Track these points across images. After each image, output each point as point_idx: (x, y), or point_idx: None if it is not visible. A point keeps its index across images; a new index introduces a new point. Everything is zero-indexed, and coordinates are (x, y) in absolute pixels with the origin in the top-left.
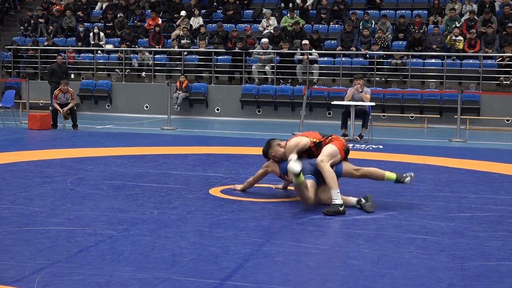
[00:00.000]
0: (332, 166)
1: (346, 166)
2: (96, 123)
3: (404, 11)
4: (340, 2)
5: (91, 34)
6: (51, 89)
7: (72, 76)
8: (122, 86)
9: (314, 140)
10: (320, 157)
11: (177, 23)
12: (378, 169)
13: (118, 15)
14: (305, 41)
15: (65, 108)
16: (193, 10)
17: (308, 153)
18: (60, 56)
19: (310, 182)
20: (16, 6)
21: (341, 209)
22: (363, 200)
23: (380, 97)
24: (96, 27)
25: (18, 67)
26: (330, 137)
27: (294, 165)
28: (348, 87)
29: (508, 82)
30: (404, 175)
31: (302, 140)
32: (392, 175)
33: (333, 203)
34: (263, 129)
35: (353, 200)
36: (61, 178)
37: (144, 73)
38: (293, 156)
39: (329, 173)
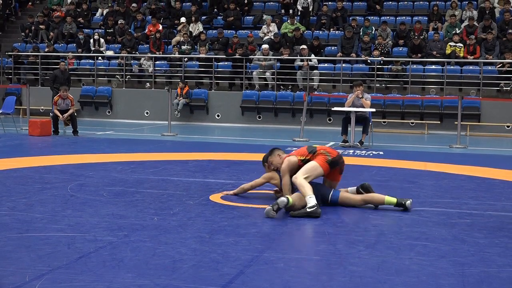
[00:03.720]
0: (317, 183)
1: (344, 194)
2: (96, 129)
3: (404, 18)
4: (340, 9)
5: (91, 40)
6: (53, 95)
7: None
8: (123, 92)
9: (301, 158)
10: (295, 175)
11: (178, 28)
12: (379, 194)
13: (119, 22)
14: (303, 46)
15: (65, 114)
16: (193, 17)
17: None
18: (63, 63)
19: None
20: (17, 12)
21: (310, 210)
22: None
23: (381, 103)
24: (96, 34)
25: (18, 73)
26: (315, 153)
27: (281, 200)
28: (349, 93)
29: (509, 88)
30: (405, 199)
31: (291, 159)
32: (392, 199)
33: (307, 207)
34: (264, 135)
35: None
36: (61, 184)
37: (147, 84)
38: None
39: (301, 185)
